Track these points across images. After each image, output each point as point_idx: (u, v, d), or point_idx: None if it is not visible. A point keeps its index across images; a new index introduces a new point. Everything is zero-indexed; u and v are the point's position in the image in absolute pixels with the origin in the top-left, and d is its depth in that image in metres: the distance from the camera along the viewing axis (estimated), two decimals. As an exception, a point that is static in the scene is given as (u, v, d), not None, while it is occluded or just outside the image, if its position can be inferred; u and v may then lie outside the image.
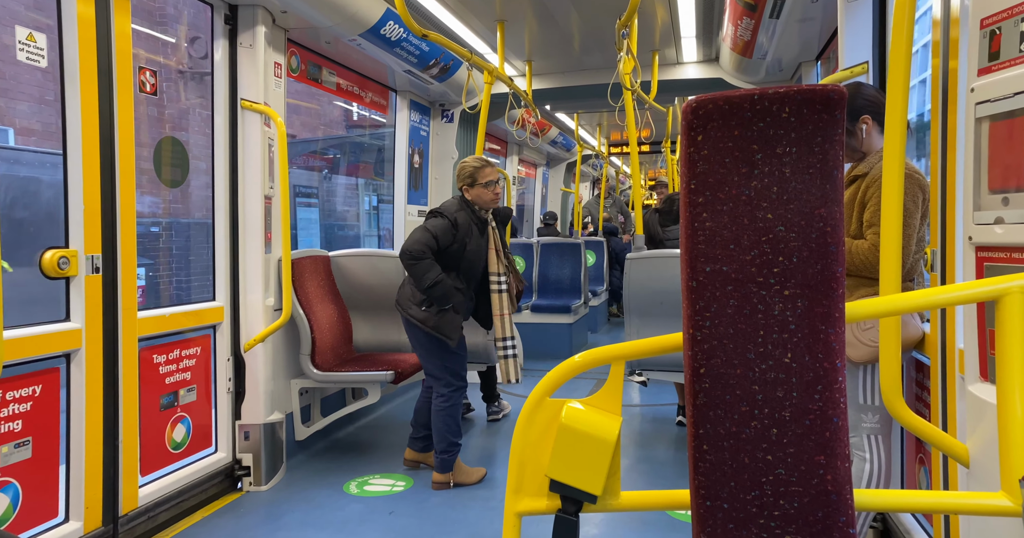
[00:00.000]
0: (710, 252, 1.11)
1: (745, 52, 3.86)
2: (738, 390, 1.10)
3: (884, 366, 1.45)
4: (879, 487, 2.04)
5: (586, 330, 6.94)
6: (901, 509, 1.12)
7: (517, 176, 8.86)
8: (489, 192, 2.79)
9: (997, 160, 1.24)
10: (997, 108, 1.21)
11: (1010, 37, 1.16)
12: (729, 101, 1.11)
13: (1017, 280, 1.09)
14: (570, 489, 1.21)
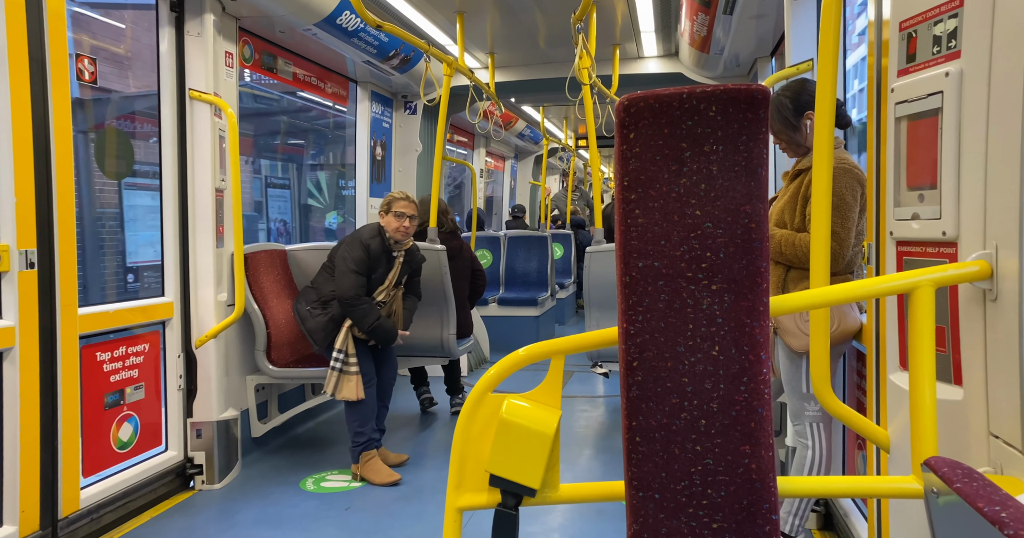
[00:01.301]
0: (643, 248, 1.13)
1: (703, 48, 3.91)
2: (669, 382, 1.13)
3: (814, 356, 1.50)
4: (821, 472, 2.11)
5: (553, 322, 6.99)
6: (819, 494, 1.17)
7: (485, 169, 8.84)
8: (396, 222, 2.96)
9: (914, 158, 1.28)
10: (914, 108, 1.25)
11: (924, 40, 1.21)
12: (659, 99, 1.13)
13: (927, 274, 1.14)
14: (509, 483, 1.22)
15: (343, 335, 2.90)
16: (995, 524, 0.72)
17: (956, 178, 1.16)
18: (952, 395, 1.18)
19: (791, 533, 2.10)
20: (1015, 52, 0.98)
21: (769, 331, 1.09)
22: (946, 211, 1.19)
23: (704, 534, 1.10)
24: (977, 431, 1.12)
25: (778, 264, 2.27)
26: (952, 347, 1.21)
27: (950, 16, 1.12)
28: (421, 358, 3.78)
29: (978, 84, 1.08)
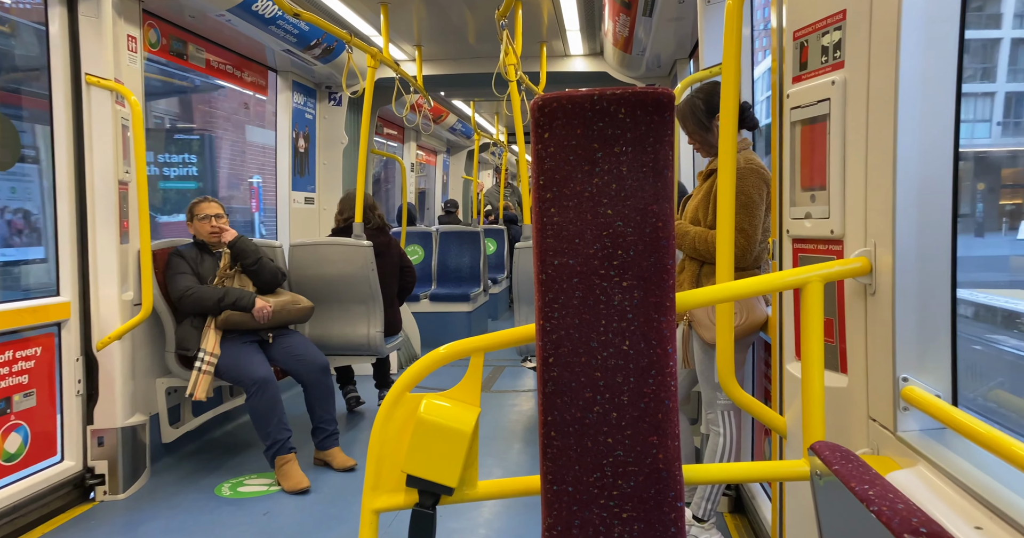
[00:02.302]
0: (558, 246, 1.15)
1: (626, 48, 4.01)
2: (583, 377, 1.16)
3: (719, 348, 1.57)
4: (731, 458, 2.22)
5: (486, 317, 7.00)
6: (721, 480, 1.23)
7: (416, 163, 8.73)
8: (204, 225, 3.03)
9: (806, 161, 1.36)
10: (806, 114, 1.33)
11: (815, 50, 1.28)
12: (572, 100, 1.15)
13: (816, 270, 1.21)
14: (426, 483, 1.22)
15: (208, 335, 2.86)
16: (863, 501, 0.78)
17: (842, 180, 1.24)
18: (839, 383, 1.27)
19: (704, 517, 2.20)
20: (888, 64, 1.06)
21: (675, 325, 1.13)
22: (833, 211, 1.27)
23: (614, 524, 1.13)
24: (858, 416, 1.20)
25: (693, 260, 2.36)
26: (839, 338, 1.30)
27: (835, 28, 1.19)
28: (347, 356, 3.70)
29: (859, 92, 1.15)
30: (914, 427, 1.05)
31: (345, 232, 3.71)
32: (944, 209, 1.06)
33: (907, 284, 1.08)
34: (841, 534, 0.86)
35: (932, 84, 1.03)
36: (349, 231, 3.63)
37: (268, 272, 3.09)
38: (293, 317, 3.15)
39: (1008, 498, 0.77)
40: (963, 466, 0.88)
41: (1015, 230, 9.42)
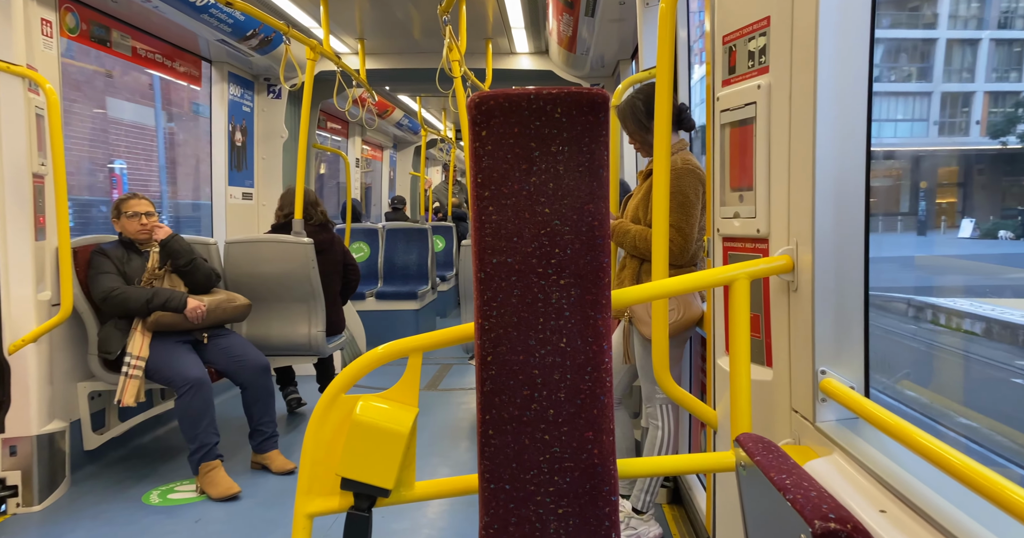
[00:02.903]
0: (496, 244, 1.15)
1: (570, 47, 4.04)
2: (521, 375, 1.16)
3: (655, 344, 1.60)
4: (669, 451, 2.28)
5: (434, 315, 6.96)
6: (653, 473, 1.26)
7: (361, 158, 8.57)
8: (133, 223, 2.89)
9: (735, 162, 1.41)
10: (735, 116, 1.37)
11: (742, 54, 1.32)
12: (509, 99, 1.15)
13: (744, 268, 1.25)
14: (362, 485, 1.20)
15: (135, 337, 2.74)
16: (780, 490, 0.81)
17: (767, 181, 1.29)
18: (764, 376, 1.32)
19: (643, 509, 2.25)
20: (808, 70, 1.10)
21: (610, 322, 1.15)
22: (760, 211, 1.32)
23: (550, 520, 1.14)
24: (782, 407, 1.25)
25: (634, 257, 2.41)
26: (765, 333, 1.35)
27: (760, 34, 1.24)
28: (288, 357, 3.60)
29: (782, 97, 1.20)
30: (831, 417, 1.11)
31: (285, 229, 3.60)
32: (858, 209, 1.11)
33: (825, 281, 1.13)
34: (762, 521, 0.89)
35: (847, 89, 1.08)
36: (289, 228, 3.53)
37: (202, 273, 2.97)
38: (229, 316, 3.04)
39: (910, 483, 0.81)
40: (872, 454, 0.93)
41: (956, 228, 10.00)
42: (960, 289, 8.10)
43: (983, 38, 23.38)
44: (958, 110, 24.21)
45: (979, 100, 23.75)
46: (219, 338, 3.00)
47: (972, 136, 24.44)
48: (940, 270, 10.54)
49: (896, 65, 25.73)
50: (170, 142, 5.57)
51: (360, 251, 6.59)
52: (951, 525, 0.70)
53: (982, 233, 18.73)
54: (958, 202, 22.61)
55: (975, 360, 5.03)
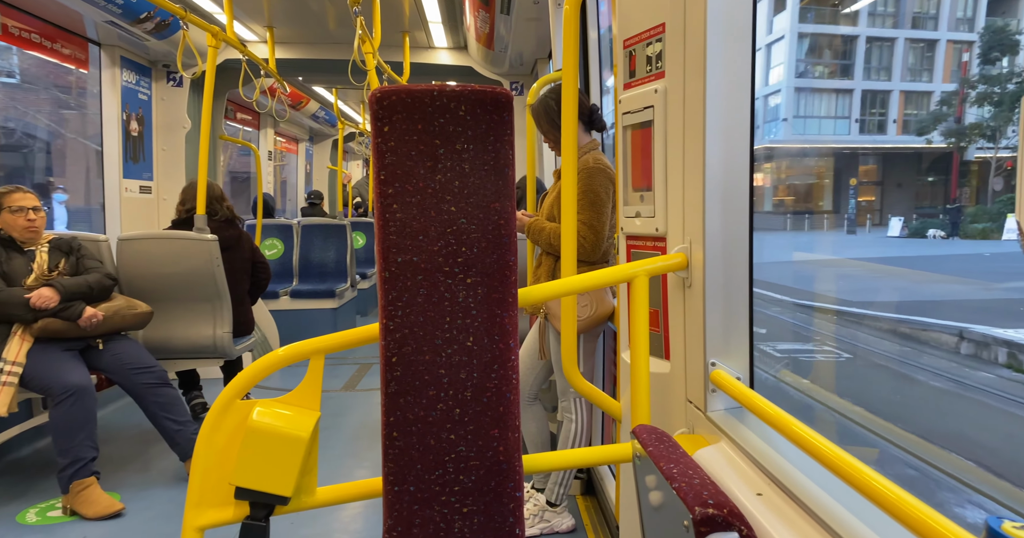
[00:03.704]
0: (401, 243, 1.13)
1: (488, 44, 4.05)
2: (427, 375, 1.15)
3: (563, 339, 1.64)
4: (582, 443, 2.33)
5: (354, 314, 6.79)
6: (559, 467, 1.28)
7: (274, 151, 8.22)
8: (17, 218, 2.67)
9: (636, 163, 1.46)
10: (635, 119, 1.42)
11: (641, 59, 1.37)
12: (411, 94, 1.13)
13: (643, 265, 1.30)
14: (258, 494, 1.16)
15: (12, 342, 2.52)
16: (668, 479, 0.85)
17: (664, 182, 1.34)
18: (663, 369, 1.38)
19: (557, 502, 2.30)
20: (698, 75, 1.15)
21: (516, 320, 1.16)
22: (658, 210, 1.37)
23: (454, 519, 1.14)
24: (678, 398, 1.31)
25: (549, 255, 2.45)
26: (663, 327, 1.40)
27: (656, 40, 1.28)
28: (191, 360, 3.40)
29: (677, 101, 1.25)
30: (720, 407, 1.17)
31: (187, 225, 3.40)
32: (743, 209, 1.18)
33: (715, 278, 1.19)
34: (655, 509, 0.93)
35: (733, 95, 1.14)
36: (191, 223, 3.33)
37: (99, 291, 2.74)
38: (128, 324, 2.83)
39: (784, 468, 0.87)
40: (754, 441, 0.99)
41: (882, 226, 10.57)
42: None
43: (899, 37, 25.15)
44: (877, 108, 25.92)
45: (895, 99, 25.51)
46: (111, 343, 2.79)
47: (889, 134, 26.25)
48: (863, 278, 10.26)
49: (820, 60, 26.89)
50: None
51: (273, 248, 6.33)
52: (816, 506, 0.76)
53: (911, 232, 19.84)
54: (879, 200, 24.10)
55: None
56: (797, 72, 26.58)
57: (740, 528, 0.69)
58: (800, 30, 26.10)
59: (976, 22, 24.41)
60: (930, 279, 9.80)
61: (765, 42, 27.50)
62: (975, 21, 24.29)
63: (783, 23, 26.19)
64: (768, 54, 27.31)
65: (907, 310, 6.61)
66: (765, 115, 27.55)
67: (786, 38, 26.07)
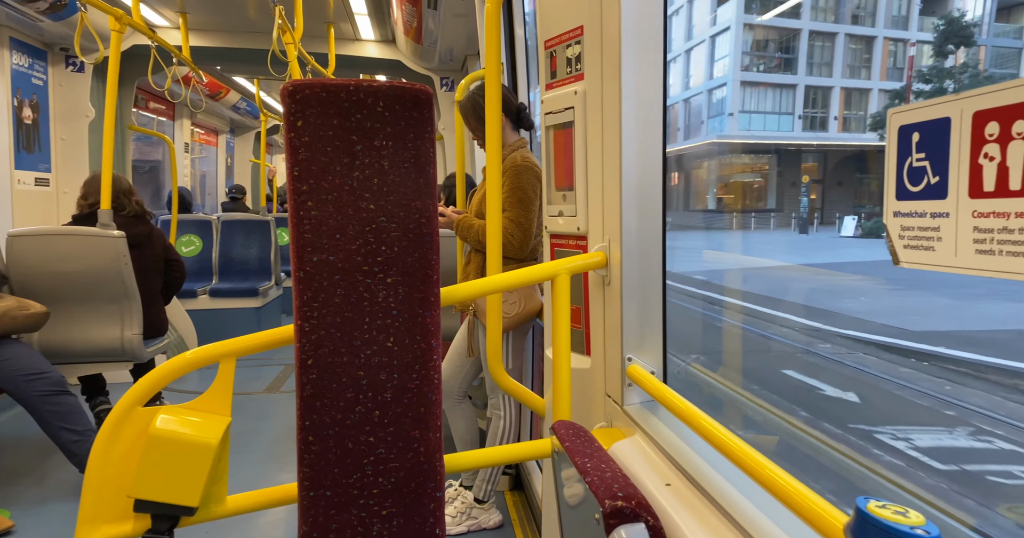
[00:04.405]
0: (317, 242, 1.10)
1: (417, 38, 3.99)
2: (344, 377, 1.12)
3: (488, 336, 1.64)
4: (510, 440, 2.35)
5: (279, 313, 6.56)
6: (480, 465, 1.29)
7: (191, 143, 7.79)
8: None
9: (559, 163, 1.48)
10: (557, 119, 1.44)
11: (561, 60, 1.39)
12: (326, 88, 1.10)
13: (565, 264, 1.32)
14: (161, 506, 1.10)
15: None
16: (581, 473, 0.87)
17: (585, 182, 1.36)
18: (584, 364, 1.41)
19: (484, 498, 2.31)
20: (614, 79, 1.18)
21: (439, 319, 1.15)
22: (579, 210, 1.40)
23: (373, 523, 1.13)
24: (598, 393, 1.35)
25: (479, 252, 2.45)
26: (585, 324, 1.43)
27: (576, 42, 1.30)
28: (96, 364, 3.18)
29: (595, 103, 1.28)
30: (635, 401, 1.21)
31: (90, 220, 3.17)
32: (656, 209, 1.22)
33: (631, 275, 1.23)
34: (571, 503, 0.95)
35: (646, 98, 1.17)
36: (94, 219, 3.11)
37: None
38: (19, 326, 2.61)
39: (690, 457, 0.91)
40: (665, 433, 1.03)
41: (826, 225, 10.90)
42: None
43: (839, 33, 25.44)
44: (820, 104, 26.11)
45: (836, 95, 25.86)
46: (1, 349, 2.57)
47: (831, 131, 26.62)
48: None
49: (765, 53, 26.79)
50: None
51: (191, 245, 6.02)
52: (716, 493, 0.80)
53: (864, 231, 19.30)
54: (819, 198, 24.48)
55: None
56: (742, 65, 25.91)
57: (647, 519, 0.72)
58: (746, 21, 25.52)
59: (911, 20, 25.32)
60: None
61: (709, 34, 26.85)
62: (909, 19, 25.18)
63: (729, 14, 25.43)
64: (712, 46, 26.74)
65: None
66: (710, 110, 27.01)
67: (731, 29, 25.41)
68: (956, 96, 0.43)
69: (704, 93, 27.29)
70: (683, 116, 29.27)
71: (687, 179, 28.37)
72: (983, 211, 0.40)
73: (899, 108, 0.50)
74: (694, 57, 28.58)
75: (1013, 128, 0.37)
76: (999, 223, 0.38)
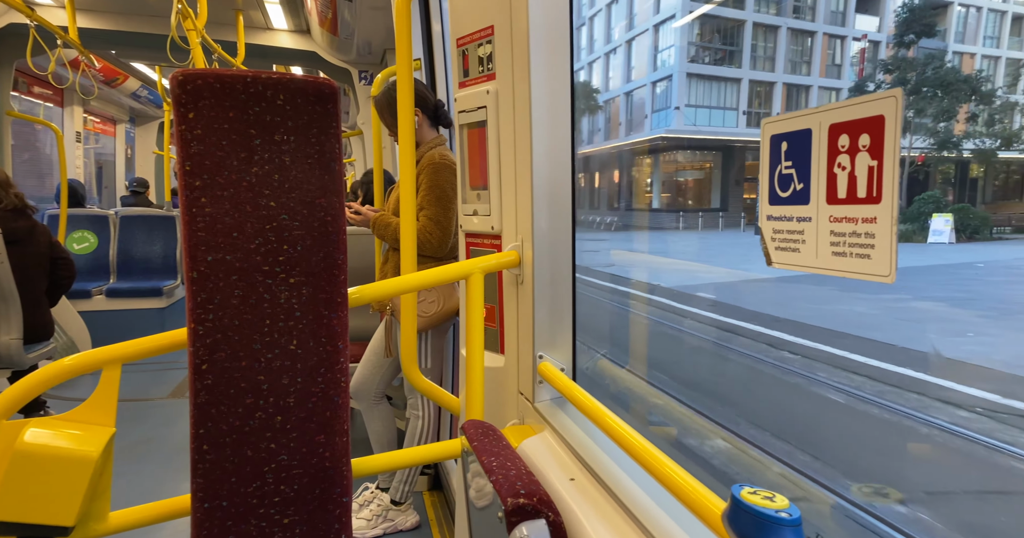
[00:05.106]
0: (212, 240, 1.04)
1: (333, 30, 3.87)
2: (243, 383, 1.07)
3: (403, 336, 1.62)
4: (428, 440, 2.33)
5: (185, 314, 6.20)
6: (388, 468, 1.27)
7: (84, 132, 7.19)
8: None
9: (473, 162, 1.48)
10: (471, 118, 1.43)
11: (473, 59, 1.39)
12: (220, 79, 1.04)
13: (478, 263, 1.32)
14: (30, 528, 1.00)
15: None
16: (487, 473, 0.87)
17: (499, 181, 1.37)
18: (498, 363, 1.41)
19: (401, 500, 2.28)
20: (524, 79, 1.19)
21: (347, 321, 1.12)
22: (493, 209, 1.40)
23: (274, 532, 1.08)
24: (511, 391, 1.36)
25: (396, 250, 2.41)
26: (499, 322, 1.44)
27: (487, 41, 1.31)
28: None
29: (507, 102, 1.28)
30: (546, 397, 1.23)
31: (-41, 215, 2.86)
32: (566, 209, 1.24)
33: (542, 274, 1.24)
34: (477, 502, 0.95)
35: (555, 99, 1.19)
36: (-35, 214, 2.82)
37: None
38: None
39: (594, 452, 0.94)
40: (572, 429, 1.06)
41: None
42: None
43: (782, 26, 24.94)
44: (763, 100, 25.51)
45: (779, 91, 25.50)
46: None
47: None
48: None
49: (711, 45, 25.66)
50: None
51: (84, 242, 5.57)
52: (615, 486, 0.82)
53: None
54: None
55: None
56: (688, 56, 24.59)
57: (548, 514, 0.73)
58: (691, 8, 24.23)
59: (848, 17, 24.91)
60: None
61: (652, 23, 25.37)
62: (847, 15, 24.86)
63: (673, 0, 24.08)
64: (654, 36, 25.33)
65: None
66: (653, 103, 25.70)
67: (677, 17, 24.09)
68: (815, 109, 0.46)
69: (648, 85, 26.16)
70: (625, 110, 28.10)
71: (629, 177, 27.60)
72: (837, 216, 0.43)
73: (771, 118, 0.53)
74: (636, 48, 27.37)
75: (860, 141, 0.41)
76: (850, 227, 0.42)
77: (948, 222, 15.89)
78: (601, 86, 30.62)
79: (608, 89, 30.14)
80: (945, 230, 15.81)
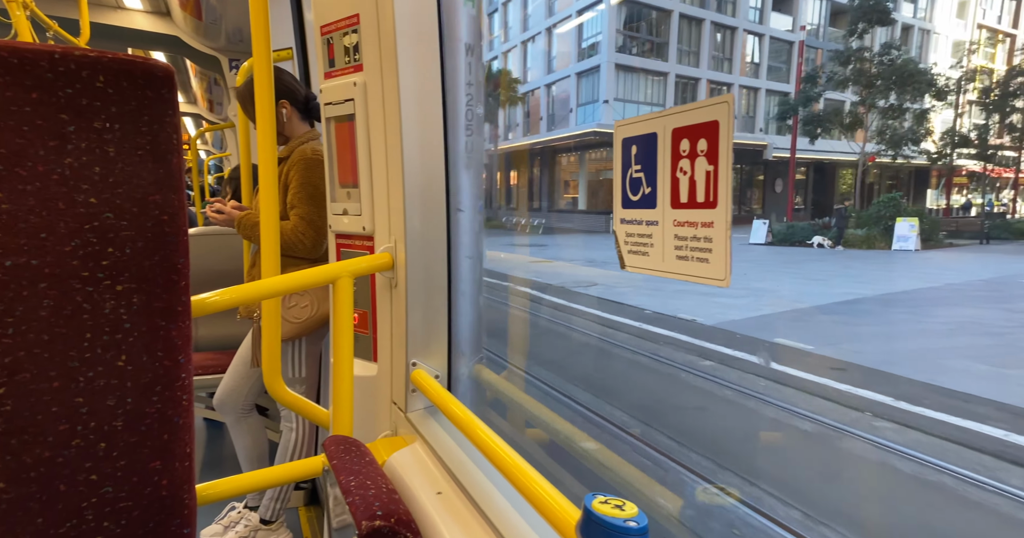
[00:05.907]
0: (12, 242, 0.88)
1: (196, 14, 3.56)
2: (55, 407, 0.92)
3: (264, 346, 1.49)
4: (301, 454, 2.19)
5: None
6: (241, 491, 1.16)
7: None
8: None
9: (342, 158, 1.39)
10: (337, 111, 1.35)
11: (339, 48, 1.30)
12: (19, 54, 0.88)
13: (347, 266, 1.24)
14: None
15: None
16: (345, 493, 0.80)
17: (370, 179, 1.30)
18: (371, 371, 1.34)
19: (272, 518, 2.12)
20: (393, 71, 1.13)
21: (189, 332, 1.00)
22: (364, 208, 1.32)
23: None
24: (384, 400, 1.29)
25: (265, 252, 2.24)
26: (372, 329, 1.37)
27: (352, 30, 1.23)
28: None
29: (376, 96, 1.21)
30: (419, 406, 1.17)
31: None
32: (441, 209, 1.20)
33: (416, 277, 1.19)
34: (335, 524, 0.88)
35: (426, 93, 1.14)
36: None
37: None
38: None
39: (463, 463, 0.90)
40: (444, 440, 1.01)
41: (745, 226, 11.04)
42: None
43: (706, 19, 24.55)
44: (690, 94, 24.85)
45: (703, 88, 25.17)
46: None
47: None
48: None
49: (638, 35, 24.58)
50: None
51: None
52: (480, 498, 0.79)
53: (776, 238, 17.04)
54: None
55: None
56: (616, 46, 22.42)
57: (405, 535, 0.68)
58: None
59: (765, 14, 24.73)
60: None
61: (575, 9, 23.06)
62: (764, 12, 24.73)
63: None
64: (578, 26, 23.14)
65: None
66: (579, 97, 23.44)
67: (604, 3, 22.05)
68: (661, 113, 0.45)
69: (572, 77, 23.82)
70: (545, 104, 25.45)
71: (551, 175, 25.50)
72: (680, 220, 0.42)
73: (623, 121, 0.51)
74: (558, 36, 24.68)
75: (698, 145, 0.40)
76: (691, 231, 0.41)
77: (913, 227, 14.30)
78: (520, 77, 27.78)
79: (528, 80, 27.32)
80: (911, 235, 14.19)
